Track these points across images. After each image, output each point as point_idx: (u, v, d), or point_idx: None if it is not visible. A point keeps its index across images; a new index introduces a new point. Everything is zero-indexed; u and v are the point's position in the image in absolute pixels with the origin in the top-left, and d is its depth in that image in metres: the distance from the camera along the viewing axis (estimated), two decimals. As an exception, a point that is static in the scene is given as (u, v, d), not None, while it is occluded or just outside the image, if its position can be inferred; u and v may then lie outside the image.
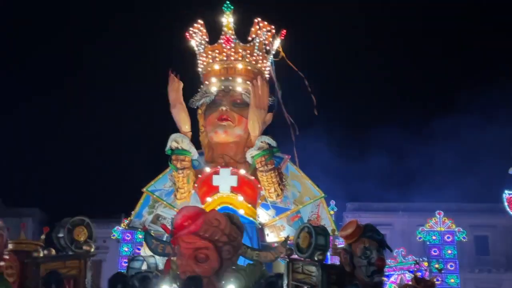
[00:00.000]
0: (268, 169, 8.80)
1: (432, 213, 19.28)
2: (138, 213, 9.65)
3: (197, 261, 6.45)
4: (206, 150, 9.42)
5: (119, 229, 21.94)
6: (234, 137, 9.17)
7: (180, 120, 9.15)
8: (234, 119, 9.13)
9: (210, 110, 9.29)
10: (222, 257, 6.55)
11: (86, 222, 6.97)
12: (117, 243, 23.26)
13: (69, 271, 6.54)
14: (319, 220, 9.21)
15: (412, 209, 31.42)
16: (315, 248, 6.39)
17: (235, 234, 6.70)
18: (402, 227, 31.31)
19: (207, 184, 9.01)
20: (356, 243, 6.25)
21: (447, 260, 17.37)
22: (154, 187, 9.70)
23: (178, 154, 8.88)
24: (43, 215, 32.57)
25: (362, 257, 6.16)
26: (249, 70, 9.55)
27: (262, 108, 9.08)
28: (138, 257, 8.54)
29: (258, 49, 9.58)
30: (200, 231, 6.50)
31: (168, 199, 9.55)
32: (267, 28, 9.64)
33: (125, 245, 21.30)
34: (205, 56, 9.65)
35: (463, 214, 29.55)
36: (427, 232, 17.68)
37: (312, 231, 6.50)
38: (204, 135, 9.45)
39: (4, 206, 30.47)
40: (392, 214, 31.50)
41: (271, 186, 8.96)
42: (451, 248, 17.57)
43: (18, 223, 7.11)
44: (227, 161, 9.12)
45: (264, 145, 8.79)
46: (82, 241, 6.83)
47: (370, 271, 6.11)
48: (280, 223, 9.43)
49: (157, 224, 9.33)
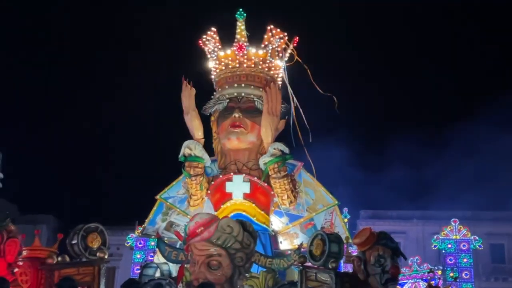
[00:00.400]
0: (281, 176, 8.79)
1: (447, 221, 19.08)
2: (151, 220, 9.67)
3: (210, 268, 6.44)
4: (219, 157, 9.43)
5: (133, 236, 22.00)
6: (247, 144, 9.17)
7: (193, 127, 9.19)
8: (247, 126, 9.14)
9: (223, 117, 9.31)
10: (235, 264, 6.53)
11: (100, 229, 6.99)
12: (131, 250, 23.33)
13: (83, 278, 6.56)
14: (332, 228, 9.16)
15: (426, 217, 31.17)
16: (328, 256, 6.35)
17: (248, 241, 6.68)
18: (416, 235, 31.05)
19: (220, 191, 9.01)
20: (370, 250, 6.21)
21: (462, 268, 17.18)
22: (167, 194, 9.71)
23: (191, 161, 8.91)
24: (57, 222, 32.76)
25: (376, 265, 6.11)
26: (261, 77, 9.55)
27: (275, 115, 9.08)
28: (151, 264, 8.55)
29: (271, 56, 9.60)
30: (213, 238, 6.49)
31: (182, 206, 9.56)
32: (279, 35, 9.65)
33: (138, 252, 21.35)
34: (218, 63, 9.68)
35: (478, 222, 29.26)
36: (442, 240, 17.50)
37: (326, 238, 6.46)
38: (217, 142, 9.46)
39: (19, 213, 30.68)
40: (406, 222, 31.24)
41: (284, 193, 8.94)
42: (466, 257, 17.38)
43: (32, 230, 7.16)
44: (240, 168, 9.12)
45: (277, 152, 8.78)
46: (96, 247, 6.85)
47: (384, 279, 6.06)
48: (294, 231, 9.39)
49: (171, 231, 9.33)
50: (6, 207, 25.75)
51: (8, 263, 5.95)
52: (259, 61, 9.50)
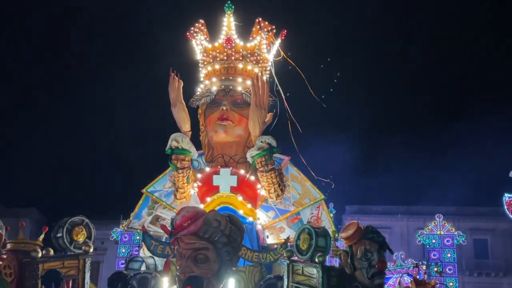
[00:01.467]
0: (268, 169, 8.77)
1: (432, 216, 19.27)
2: (137, 214, 9.60)
3: (196, 262, 6.39)
4: (206, 150, 9.39)
5: (117, 231, 21.88)
6: (234, 137, 9.14)
7: (180, 120, 9.13)
8: (235, 119, 9.11)
9: (211, 109, 9.27)
10: (222, 258, 6.49)
11: (85, 222, 6.94)
12: (115, 245, 23.24)
13: (68, 271, 6.51)
14: (319, 222, 9.16)
15: (411, 212, 31.44)
16: (315, 250, 6.35)
17: (235, 235, 6.65)
18: (401, 230, 31.32)
19: (207, 184, 8.97)
20: (357, 244, 6.23)
21: (446, 263, 17.38)
22: (153, 187, 9.65)
23: (178, 154, 8.85)
24: (41, 215, 32.54)
25: (363, 259, 6.13)
26: (249, 70, 9.53)
27: (262, 108, 9.05)
28: (137, 258, 8.50)
29: (259, 49, 9.56)
30: (200, 232, 6.45)
31: (168, 200, 9.50)
32: (268, 28, 9.62)
33: (123, 246, 21.26)
34: (206, 56, 9.63)
35: (462, 217, 29.61)
36: (427, 236, 17.71)
37: (313, 232, 6.46)
38: (204, 135, 9.42)
39: (1, 206, 30.41)
40: (391, 217, 31.49)
41: (271, 187, 8.93)
42: (450, 252, 17.60)
43: (15, 223, 7.03)
44: (227, 161, 9.09)
45: (265, 145, 8.75)
46: (81, 241, 6.79)
47: (370, 273, 6.08)
48: (280, 225, 9.38)
49: (157, 225, 9.27)
50: (-12, 200, 25.48)
51: (-8, 256, 5.86)
52: (247, 54, 9.46)
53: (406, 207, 31.55)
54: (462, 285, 26.46)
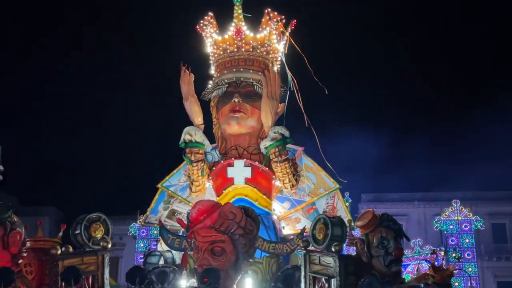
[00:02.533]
0: (282, 160, 8.77)
1: (449, 202, 19.11)
2: (153, 208, 9.67)
3: (213, 255, 6.44)
4: (220, 142, 9.41)
5: (135, 226, 22.05)
6: (247, 128, 9.14)
7: (192, 113, 9.14)
8: (247, 110, 9.11)
9: (223, 102, 9.27)
10: (238, 250, 6.53)
11: (103, 219, 7.01)
12: (134, 240, 23.41)
13: (87, 267, 6.59)
14: (334, 212, 9.16)
15: (427, 199, 31.22)
16: (331, 239, 6.37)
17: (250, 227, 6.68)
18: (418, 217, 31.12)
19: (222, 176, 9.00)
20: (372, 233, 6.23)
21: (464, 249, 17.24)
22: (169, 182, 9.71)
23: (192, 147, 8.88)
24: (59, 213, 32.84)
25: (379, 247, 6.13)
26: (260, 61, 9.50)
27: (274, 98, 9.03)
28: (155, 252, 8.57)
29: (269, 39, 9.53)
30: (216, 225, 6.49)
31: (183, 194, 9.56)
32: (277, 19, 9.58)
33: (141, 241, 21.43)
34: (216, 48, 9.62)
35: (480, 202, 29.34)
36: (444, 222, 17.55)
37: (328, 222, 6.47)
38: (217, 127, 9.43)
39: (20, 205, 30.74)
40: (407, 204, 31.29)
41: (285, 177, 8.93)
42: (468, 237, 17.44)
43: (34, 222, 7.14)
44: (241, 152, 9.09)
45: (278, 135, 8.75)
46: (99, 237, 6.87)
47: (387, 261, 6.08)
48: (296, 216, 9.40)
49: (173, 219, 9.34)
50: (7, 199, 25.78)
51: (12, 254, 5.94)
52: (257, 45, 9.44)
53: (422, 193, 31.32)
54: (481, 270, 26.29)
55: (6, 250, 5.88)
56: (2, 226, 5.94)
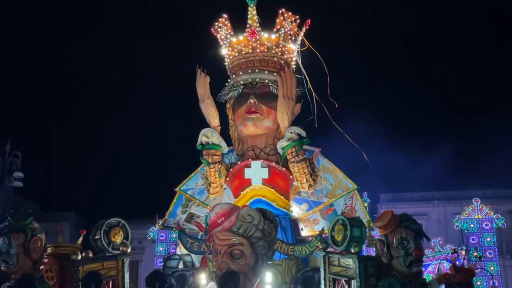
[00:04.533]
0: (299, 160, 8.74)
1: (469, 200, 18.91)
2: (172, 212, 9.71)
3: (232, 258, 6.42)
4: (236, 144, 9.43)
5: (154, 230, 22.15)
6: (263, 129, 9.14)
7: (209, 115, 9.15)
8: (263, 111, 9.10)
9: (239, 103, 9.28)
10: (257, 253, 6.51)
11: (122, 223, 7.05)
12: (153, 244, 23.51)
13: (108, 272, 6.63)
14: (353, 212, 9.11)
15: (447, 198, 30.95)
16: (350, 240, 6.32)
17: (269, 230, 6.65)
18: (438, 216, 30.87)
19: (239, 178, 9.00)
20: (392, 233, 6.16)
21: (486, 247, 17.06)
22: (186, 186, 9.74)
23: (209, 149, 8.90)
24: (79, 218, 33.16)
25: (399, 247, 6.06)
26: (275, 62, 9.50)
27: (290, 99, 9.00)
28: (174, 256, 8.60)
29: (284, 40, 9.52)
30: (234, 228, 6.47)
31: (201, 198, 9.58)
32: (291, 19, 9.57)
33: (160, 245, 21.52)
34: (231, 50, 9.64)
35: (501, 200, 29.00)
36: (465, 220, 17.40)
37: (347, 223, 6.43)
38: (234, 129, 9.44)
39: (41, 211, 31.08)
40: (427, 204, 31.05)
41: (303, 177, 8.90)
42: (490, 236, 17.25)
43: (55, 227, 7.23)
44: (258, 153, 9.08)
45: (294, 135, 8.73)
46: (119, 242, 6.91)
47: (408, 261, 6.01)
48: (314, 217, 9.36)
49: (191, 222, 9.37)
50: (27, 206, 26.03)
51: (34, 260, 6.02)
52: (272, 45, 9.43)
53: (442, 192, 31.07)
54: (504, 268, 25.96)
55: (27, 257, 5.95)
56: (23, 233, 6.01)
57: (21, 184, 16.54)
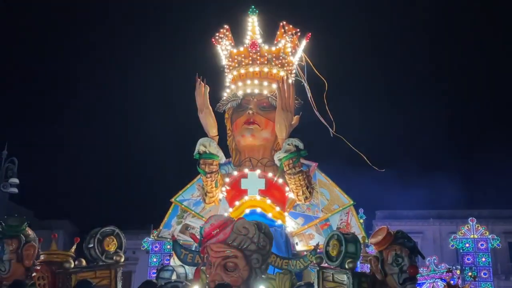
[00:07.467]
0: (296, 172, 8.74)
1: (464, 220, 18.86)
2: (167, 223, 9.67)
3: (226, 270, 6.40)
4: (234, 154, 9.43)
5: (148, 240, 22.03)
6: (261, 140, 9.16)
7: (207, 125, 9.16)
8: (261, 122, 9.14)
9: (237, 114, 9.33)
10: (251, 266, 6.49)
11: (116, 232, 7.01)
12: (147, 254, 23.37)
13: (100, 281, 6.58)
14: (348, 228, 9.09)
15: (443, 216, 30.90)
16: (345, 256, 6.30)
17: (264, 243, 6.64)
18: (433, 234, 30.79)
19: (236, 188, 8.98)
20: (387, 250, 6.15)
21: (481, 267, 16.99)
22: (182, 197, 9.72)
23: (206, 158, 8.88)
24: (73, 227, 32.98)
25: (394, 264, 6.05)
26: (275, 74, 9.56)
27: (288, 110, 9.05)
28: (167, 267, 8.54)
29: (284, 52, 9.58)
30: (229, 240, 6.46)
31: (197, 209, 9.55)
32: (292, 31, 9.64)
33: (154, 256, 21.39)
34: (231, 61, 9.69)
35: (496, 220, 28.98)
36: (460, 240, 17.33)
37: (342, 238, 6.41)
38: (232, 139, 9.46)
39: (35, 218, 30.93)
40: (423, 222, 30.99)
41: (299, 189, 8.89)
42: (485, 256, 17.18)
43: (48, 235, 7.19)
44: (255, 164, 9.11)
45: (292, 147, 8.74)
46: (112, 251, 6.87)
47: (402, 279, 5.99)
48: (309, 232, 9.33)
49: (186, 234, 9.33)
50: (22, 213, 25.92)
51: (26, 267, 5.99)
52: (272, 57, 9.49)
53: (437, 211, 31.03)
54: (498, 289, 25.90)
55: (20, 263, 5.93)
56: (16, 239, 6.00)
57: (16, 191, 16.49)
